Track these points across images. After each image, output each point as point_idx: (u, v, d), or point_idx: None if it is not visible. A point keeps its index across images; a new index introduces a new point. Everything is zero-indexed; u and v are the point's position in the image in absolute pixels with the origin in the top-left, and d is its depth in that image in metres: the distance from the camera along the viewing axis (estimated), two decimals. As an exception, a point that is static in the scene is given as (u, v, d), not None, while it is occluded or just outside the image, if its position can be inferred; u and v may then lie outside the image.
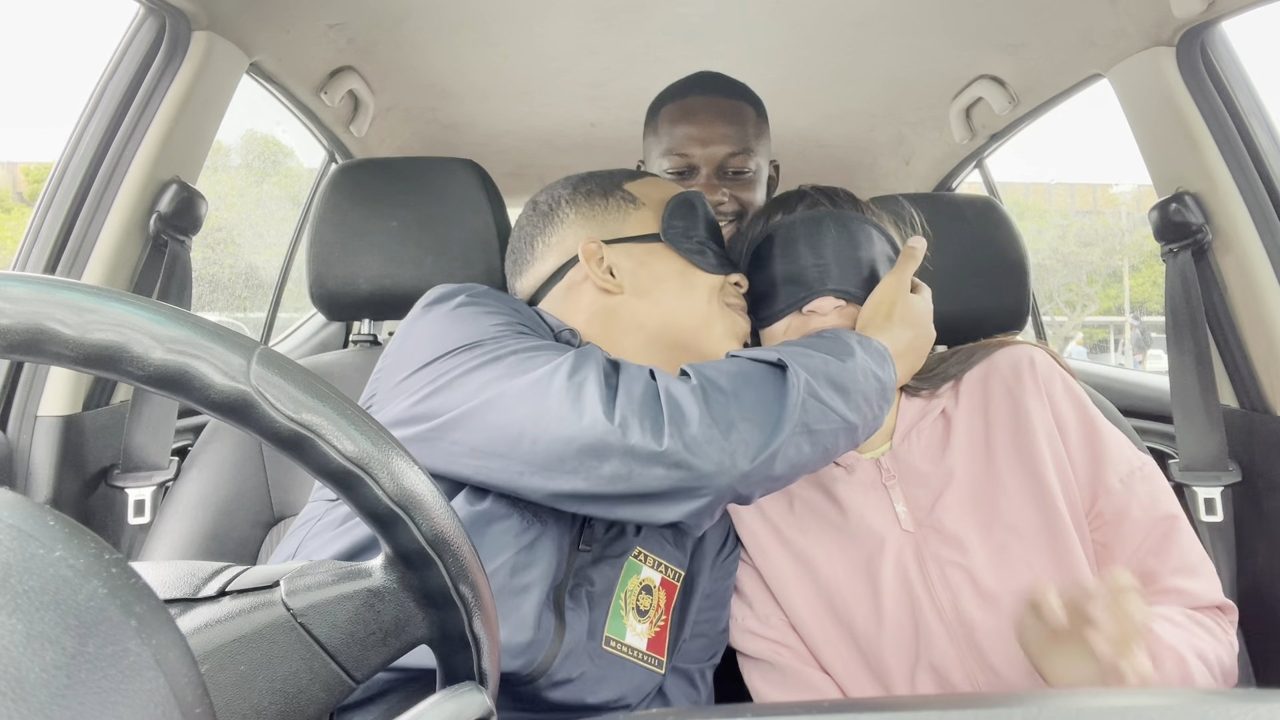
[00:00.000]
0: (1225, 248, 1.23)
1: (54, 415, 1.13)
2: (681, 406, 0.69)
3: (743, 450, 0.69)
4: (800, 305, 0.91)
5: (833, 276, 0.90)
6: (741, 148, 1.26)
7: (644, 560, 0.86)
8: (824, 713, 0.40)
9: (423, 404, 0.74)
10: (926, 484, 0.91)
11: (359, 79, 1.61)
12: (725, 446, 0.68)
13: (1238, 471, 1.21)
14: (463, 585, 0.43)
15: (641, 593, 0.84)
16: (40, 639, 0.24)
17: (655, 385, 0.72)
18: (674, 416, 0.69)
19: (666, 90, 1.35)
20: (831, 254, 0.91)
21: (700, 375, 0.73)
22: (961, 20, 1.42)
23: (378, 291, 1.20)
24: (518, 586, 0.75)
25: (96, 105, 1.18)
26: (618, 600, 0.83)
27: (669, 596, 0.87)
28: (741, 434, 0.69)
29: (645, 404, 0.70)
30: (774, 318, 0.93)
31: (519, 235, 1.00)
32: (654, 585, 0.86)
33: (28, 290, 0.35)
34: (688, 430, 0.68)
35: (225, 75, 1.28)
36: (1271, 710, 0.33)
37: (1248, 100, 1.23)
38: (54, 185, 1.17)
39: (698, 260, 0.91)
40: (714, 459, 0.68)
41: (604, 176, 0.98)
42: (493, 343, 0.76)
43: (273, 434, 0.39)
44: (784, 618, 0.94)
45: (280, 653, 0.42)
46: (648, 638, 0.83)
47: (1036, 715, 0.35)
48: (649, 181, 0.98)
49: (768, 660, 0.93)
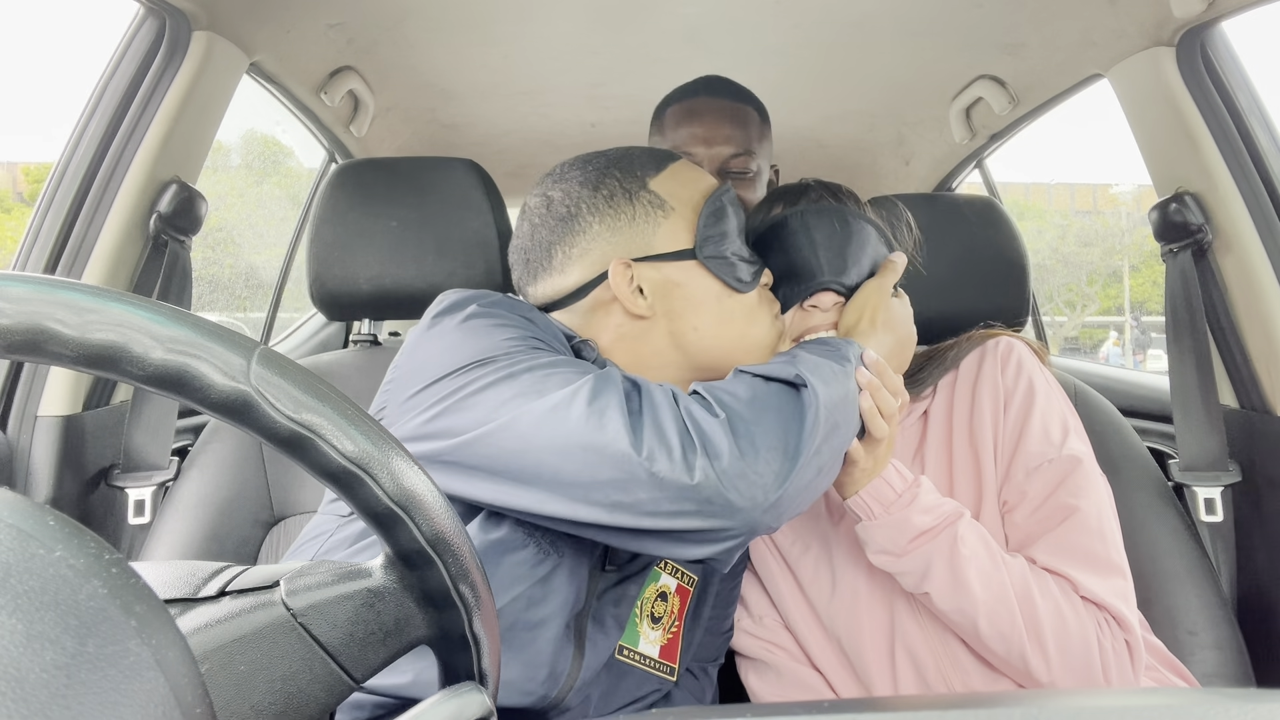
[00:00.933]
0: (1225, 248, 1.23)
1: (54, 415, 1.13)
2: (711, 438, 0.66)
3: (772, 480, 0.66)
4: (802, 298, 0.91)
5: (835, 271, 0.90)
6: (744, 149, 1.28)
7: (663, 567, 0.85)
8: (823, 713, 0.40)
9: (434, 422, 0.71)
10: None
11: (359, 79, 1.61)
12: (755, 480, 0.65)
13: (1238, 471, 1.21)
14: (463, 585, 0.43)
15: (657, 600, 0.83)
16: (40, 639, 0.24)
17: (680, 412, 0.69)
18: (705, 448, 0.65)
19: (673, 92, 1.36)
20: (835, 249, 0.90)
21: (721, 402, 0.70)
22: (961, 20, 1.42)
23: (378, 291, 1.20)
24: (533, 621, 0.72)
25: (96, 105, 1.18)
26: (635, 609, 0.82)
27: (683, 602, 0.86)
28: (769, 463, 0.66)
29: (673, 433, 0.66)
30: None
31: (533, 238, 0.89)
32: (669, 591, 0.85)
33: (28, 290, 0.35)
34: (719, 463, 0.65)
35: (225, 75, 1.28)
36: (1272, 710, 0.33)
37: (1248, 100, 1.22)
38: (54, 185, 1.17)
39: (735, 282, 0.84)
40: (745, 493, 0.65)
41: (624, 167, 0.87)
42: (506, 359, 0.72)
43: (272, 434, 0.39)
44: (778, 618, 0.95)
45: (280, 653, 0.42)
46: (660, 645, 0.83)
47: (1036, 715, 0.35)
48: (675, 174, 0.88)
49: (763, 660, 0.94)
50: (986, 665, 0.85)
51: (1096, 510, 0.84)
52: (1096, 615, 0.80)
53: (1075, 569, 0.82)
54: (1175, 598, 1.09)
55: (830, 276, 0.89)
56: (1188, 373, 1.25)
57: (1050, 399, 0.91)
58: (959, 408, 0.93)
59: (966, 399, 0.93)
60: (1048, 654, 0.78)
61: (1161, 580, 1.10)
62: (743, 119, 1.30)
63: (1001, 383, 0.92)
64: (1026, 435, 0.88)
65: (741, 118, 1.30)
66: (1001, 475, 0.89)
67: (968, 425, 0.92)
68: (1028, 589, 0.79)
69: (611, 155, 0.89)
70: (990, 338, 0.97)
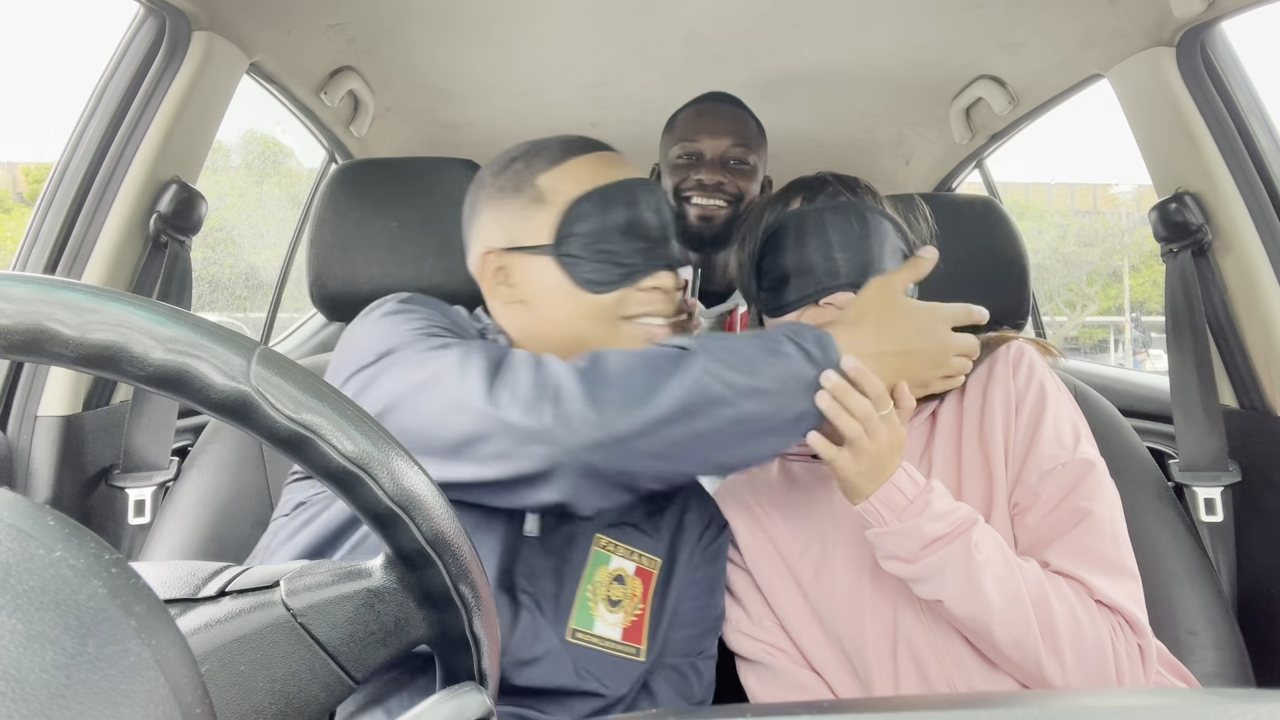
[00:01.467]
0: (1225, 248, 1.23)
1: (54, 415, 1.13)
2: (563, 386, 0.70)
3: (611, 417, 0.68)
4: (818, 297, 0.90)
5: (852, 271, 0.89)
6: (743, 141, 1.44)
7: (613, 550, 0.85)
8: (823, 713, 0.40)
9: None
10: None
11: (359, 79, 1.61)
12: (592, 419, 0.68)
13: (1238, 471, 1.21)
14: (463, 585, 0.43)
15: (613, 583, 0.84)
16: (40, 639, 0.24)
17: (538, 367, 0.73)
18: (557, 395, 0.69)
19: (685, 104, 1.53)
20: (852, 247, 0.89)
21: (593, 360, 0.73)
22: (961, 20, 1.42)
23: (378, 291, 1.19)
24: None
25: (96, 105, 1.18)
26: (584, 592, 0.83)
27: (646, 585, 0.86)
28: (612, 404, 0.69)
29: (525, 383, 0.71)
30: (788, 308, 0.92)
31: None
32: (627, 574, 0.85)
33: (28, 290, 0.35)
34: (564, 405, 0.69)
35: (225, 75, 1.28)
36: (1272, 710, 0.33)
37: (1248, 100, 1.22)
38: (54, 185, 1.17)
39: (583, 282, 0.84)
40: (582, 431, 0.68)
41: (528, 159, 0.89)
42: (407, 346, 0.77)
43: (272, 434, 0.39)
44: (776, 620, 0.94)
45: (280, 653, 0.42)
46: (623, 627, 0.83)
47: (1036, 715, 0.35)
48: (569, 170, 0.87)
49: (761, 662, 0.94)
50: (990, 664, 0.84)
51: (1109, 514, 0.84)
52: (1111, 619, 0.80)
53: (1090, 573, 0.81)
54: (1175, 598, 1.09)
55: (845, 278, 0.88)
56: (1188, 373, 1.24)
57: (1061, 403, 0.90)
58: (969, 410, 0.92)
59: (977, 401, 0.92)
60: (1063, 659, 0.78)
61: (1162, 580, 1.09)
62: (743, 121, 1.47)
63: (1013, 386, 0.91)
64: (1039, 438, 0.87)
65: (742, 120, 1.47)
66: (1013, 478, 0.88)
67: (978, 427, 0.91)
68: (1043, 594, 0.79)
69: (527, 146, 0.91)
70: (1002, 342, 0.96)
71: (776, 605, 0.94)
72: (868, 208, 0.91)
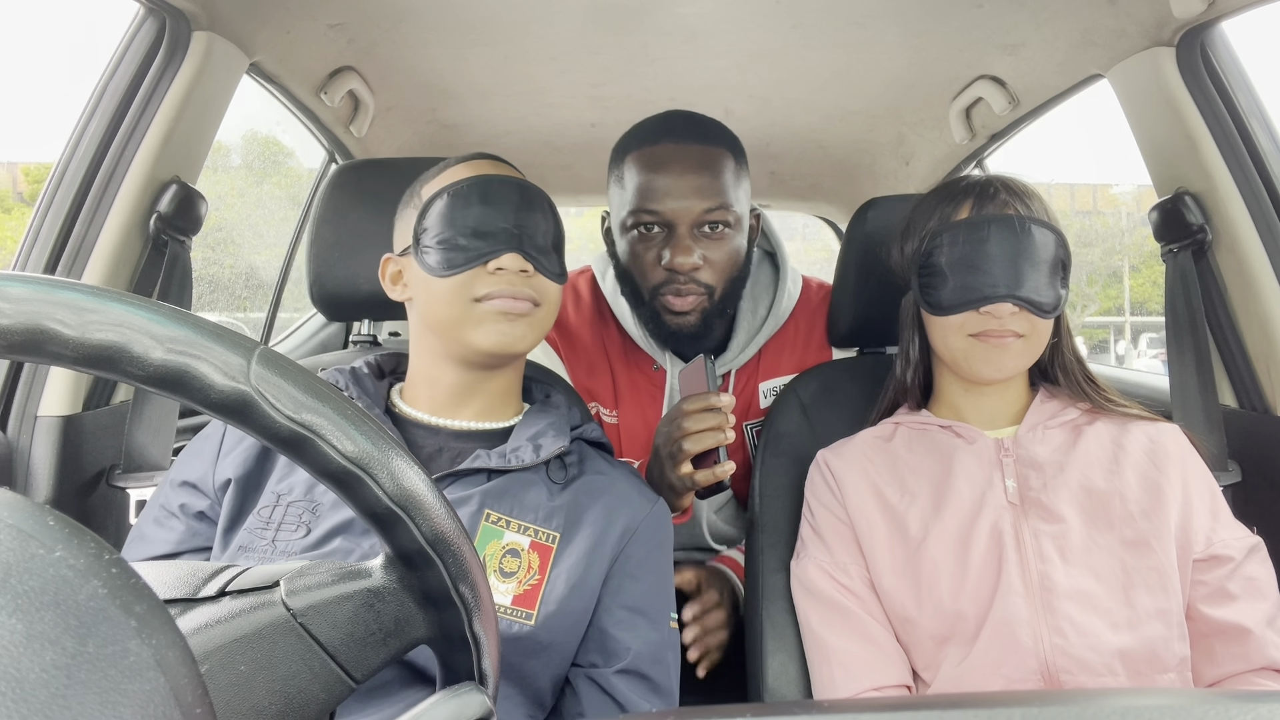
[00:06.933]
0: (1225, 248, 1.23)
1: (54, 415, 1.13)
2: None
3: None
4: (980, 305, 0.93)
5: (1017, 283, 0.93)
6: (718, 202, 1.13)
7: (505, 526, 0.87)
8: (823, 713, 0.40)
9: None
10: (1042, 470, 0.95)
11: (359, 79, 1.61)
12: None
13: (1238, 471, 1.21)
14: (463, 585, 0.43)
15: (506, 556, 0.86)
16: (40, 639, 0.24)
17: None
18: None
19: (631, 133, 1.21)
20: (1021, 260, 0.93)
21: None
22: (961, 20, 1.42)
23: (378, 292, 1.19)
24: None
25: (96, 105, 1.18)
26: None
27: (544, 558, 0.88)
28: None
29: None
30: (952, 310, 0.96)
31: None
32: (521, 549, 0.87)
33: (28, 290, 0.35)
34: None
35: (225, 75, 1.28)
36: (1272, 710, 0.33)
37: (1248, 100, 1.22)
38: (54, 185, 1.17)
39: (426, 268, 0.91)
40: None
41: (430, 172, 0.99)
42: None
43: (273, 434, 0.39)
44: (865, 573, 0.97)
45: (280, 653, 0.42)
46: (514, 594, 0.84)
47: (1037, 715, 0.35)
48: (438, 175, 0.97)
49: (832, 601, 0.96)
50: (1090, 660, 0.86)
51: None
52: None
53: None
54: (1175, 598, 1.09)
55: (1006, 290, 0.92)
56: (1188, 373, 1.24)
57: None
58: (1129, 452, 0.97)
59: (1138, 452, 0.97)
60: None
61: (1161, 580, 1.09)
62: (714, 165, 1.14)
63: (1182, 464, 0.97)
64: (1224, 513, 0.96)
65: (712, 164, 1.14)
66: (1201, 535, 0.93)
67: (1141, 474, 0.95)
68: None
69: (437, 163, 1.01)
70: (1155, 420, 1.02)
71: (872, 557, 0.97)
72: (1035, 220, 0.95)
